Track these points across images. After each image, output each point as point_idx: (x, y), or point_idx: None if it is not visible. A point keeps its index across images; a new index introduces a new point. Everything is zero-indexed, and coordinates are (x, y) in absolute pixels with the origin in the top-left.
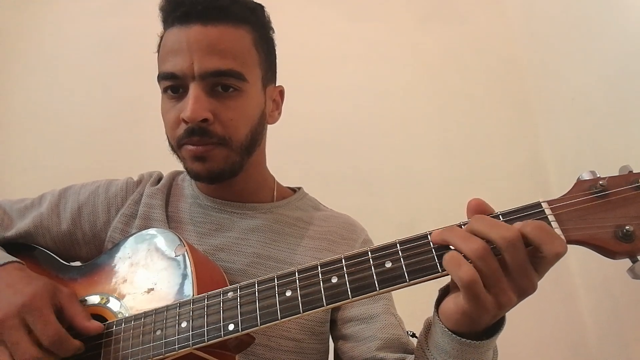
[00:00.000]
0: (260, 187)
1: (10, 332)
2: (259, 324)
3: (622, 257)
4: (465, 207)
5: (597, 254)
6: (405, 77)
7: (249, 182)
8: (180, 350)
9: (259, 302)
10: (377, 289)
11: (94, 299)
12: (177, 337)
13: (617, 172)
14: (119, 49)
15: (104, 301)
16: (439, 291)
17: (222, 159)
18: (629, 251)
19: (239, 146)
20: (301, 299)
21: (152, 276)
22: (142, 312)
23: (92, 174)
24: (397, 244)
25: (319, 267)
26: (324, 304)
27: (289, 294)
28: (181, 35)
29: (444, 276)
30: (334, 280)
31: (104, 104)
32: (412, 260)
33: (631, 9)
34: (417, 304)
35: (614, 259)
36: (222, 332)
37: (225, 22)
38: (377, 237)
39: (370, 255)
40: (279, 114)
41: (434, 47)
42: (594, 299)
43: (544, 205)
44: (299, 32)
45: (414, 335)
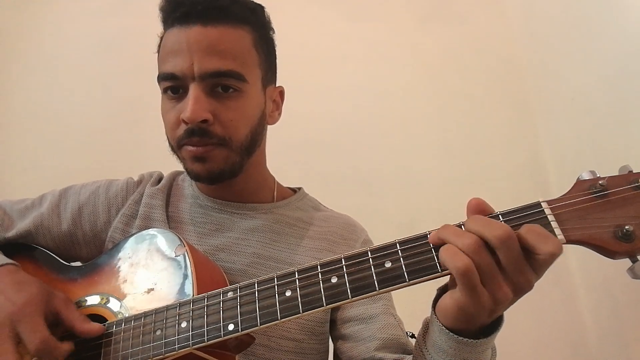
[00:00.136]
0: (260, 188)
1: None
2: (259, 324)
3: (622, 257)
4: (465, 207)
5: (597, 254)
6: (405, 77)
7: (249, 182)
8: (180, 350)
9: (258, 302)
10: (377, 289)
11: (94, 299)
12: (177, 337)
13: (616, 172)
14: (119, 49)
15: (104, 301)
16: (437, 290)
17: (222, 160)
18: (629, 251)
19: (239, 147)
20: (301, 299)
21: (152, 276)
22: (142, 312)
23: (92, 174)
24: (397, 244)
25: (319, 267)
26: (324, 304)
27: (288, 294)
28: (181, 35)
29: (444, 276)
30: (334, 280)
31: (104, 104)
32: (411, 260)
33: (631, 9)
34: (417, 304)
35: (613, 259)
36: (222, 332)
37: (225, 22)
38: (377, 237)
39: (370, 255)
40: (279, 115)
41: (434, 47)
42: (594, 299)
43: (544, 205)
44: (299, 32)
45: (413, 336)
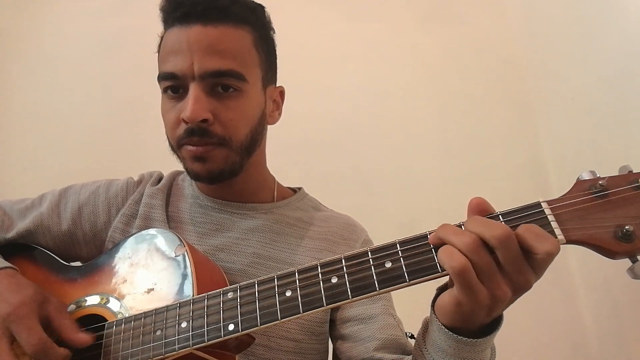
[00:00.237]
0: (260, 188)
1: None
2: (259, 324)
3: (622, 257)
4: (465, 207)
5: (597, 254)
6: (405, 77)
7: (249, 182)
8: (180, 350)
9: (259, 302)
10: (377, 289)
11: (94, 299)
12: (177, 337)
13: (616, 172)
14: (119, 49)
15: (104, 301)
16: (437, 290)
17: (222, 159)
18: (629, 251)
19: (239, 146)
20: (301, 299)
21: (152, 276)
22: (142, 312)
23: (92, 174)
24: (397, 244)
25: (319, 267)
26: (324, 304)
27: (289, 294)
28: (181, 35)
29: (444, 276)
30: (334, 280)
31: (104, 104)
32: (412, 260)
33: (631, 9)
34: (417, 304)
35: (613, 259)
36: (222, 332)
37: (225, 22)
38: (377, 237)
39: (370, 255)
40: (279, 115)
41: (434, 47)
42: (594, 299)
43: (544, 205)
44: (299, 33)
45: (412, 336)
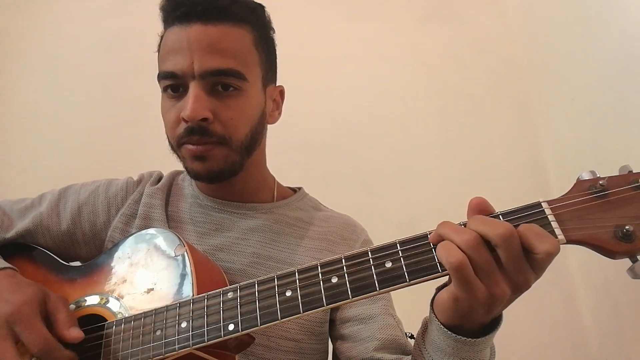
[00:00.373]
0: (260, 187)
1: None
2: (259, 324)
3: (622, 257)
4: (465, 207)
5: (597, 253)
6: (405, 77)
7: (249, 182)
8: (180, 350)
9: (259, 302)
10: (377, 289)
11: (93, 299)
12: (177, 337)
13: (616, 172)
14: (119, 49)
15: (104, 301)
16: (436, 289)
17: (221, 159)
18: (629, 251)
19: (239, 146)
20: (301, 299)
21: (152, 276)
22: (141, 312)
23: (92, 174)
24: (397, 244)
25: (319, 267)
26: (324, 304)
27: (289, 294)
28: (181, 34)
29: (444, 276)
30: (334, 280)
31: (104, 104)
32: (412, 260)
33: (631, 9)
34: (417, 304)
35: (613, 259)
36: (222, 332)
37: (225, 21)
38: (377, 237)
39: (370, 255)
40: (279, 114)
41: (434, 47)
42: (594, 299)
43: (544, 205)
44: (299, 32)
45: (412, 336)
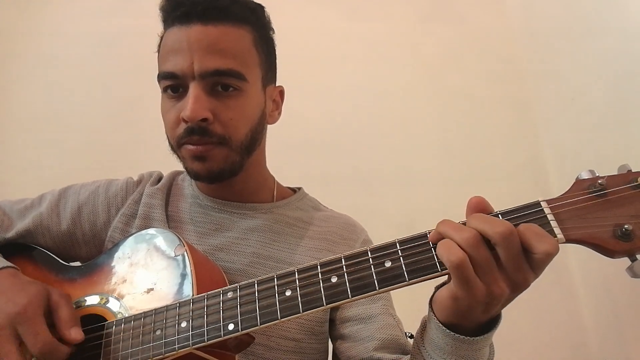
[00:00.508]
0: (260, 187)
1: (1, 344)
2: (259, 324)
3: (621, 256)
4: (464, 207)
5: (597, 253)
6: (405, 77)
7: (248, 182)
8: (180, 350)
9: (258, 302)
10: (377, 288)
11: (93, 299)
12: (177, 337)
13: (616, 172)
14: (119, 49)
15: (104, 301)
16: (435, 288)
17: (221, 159)
18: (628, 250)
19: (239, 146)
20: (301, 299)
21: (152, 276)
22: (141, 312)
23: (92, 174)
24: (397, 244)
25: (319, 266)
26: (324, 303)
27: (288, 293)
28: (181, 34)
29: (444, 275)
30: (334, 279)
31: (104, 104)
32: (411, 259)
33: (631, 9)
34: (417, 304)
35: (613, 258)
36: (222, 332)
37: (225, 22)
38: (377, 237)
39: (369, 254)
40: (279, 114)
41: (434, 47)
42: (594, 298)
43: (543, 204)
44: (299, 32)
45: (412, 336)
